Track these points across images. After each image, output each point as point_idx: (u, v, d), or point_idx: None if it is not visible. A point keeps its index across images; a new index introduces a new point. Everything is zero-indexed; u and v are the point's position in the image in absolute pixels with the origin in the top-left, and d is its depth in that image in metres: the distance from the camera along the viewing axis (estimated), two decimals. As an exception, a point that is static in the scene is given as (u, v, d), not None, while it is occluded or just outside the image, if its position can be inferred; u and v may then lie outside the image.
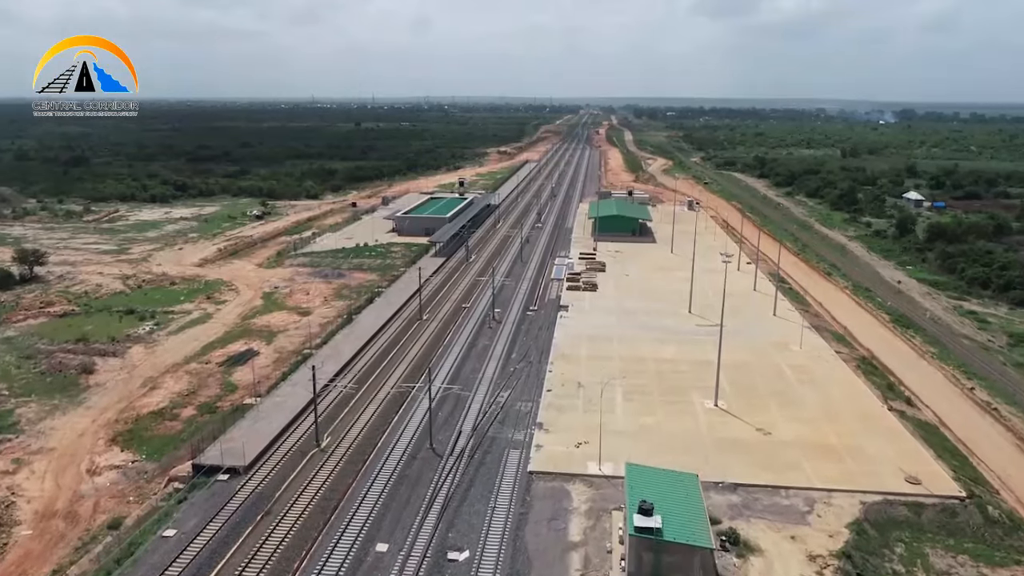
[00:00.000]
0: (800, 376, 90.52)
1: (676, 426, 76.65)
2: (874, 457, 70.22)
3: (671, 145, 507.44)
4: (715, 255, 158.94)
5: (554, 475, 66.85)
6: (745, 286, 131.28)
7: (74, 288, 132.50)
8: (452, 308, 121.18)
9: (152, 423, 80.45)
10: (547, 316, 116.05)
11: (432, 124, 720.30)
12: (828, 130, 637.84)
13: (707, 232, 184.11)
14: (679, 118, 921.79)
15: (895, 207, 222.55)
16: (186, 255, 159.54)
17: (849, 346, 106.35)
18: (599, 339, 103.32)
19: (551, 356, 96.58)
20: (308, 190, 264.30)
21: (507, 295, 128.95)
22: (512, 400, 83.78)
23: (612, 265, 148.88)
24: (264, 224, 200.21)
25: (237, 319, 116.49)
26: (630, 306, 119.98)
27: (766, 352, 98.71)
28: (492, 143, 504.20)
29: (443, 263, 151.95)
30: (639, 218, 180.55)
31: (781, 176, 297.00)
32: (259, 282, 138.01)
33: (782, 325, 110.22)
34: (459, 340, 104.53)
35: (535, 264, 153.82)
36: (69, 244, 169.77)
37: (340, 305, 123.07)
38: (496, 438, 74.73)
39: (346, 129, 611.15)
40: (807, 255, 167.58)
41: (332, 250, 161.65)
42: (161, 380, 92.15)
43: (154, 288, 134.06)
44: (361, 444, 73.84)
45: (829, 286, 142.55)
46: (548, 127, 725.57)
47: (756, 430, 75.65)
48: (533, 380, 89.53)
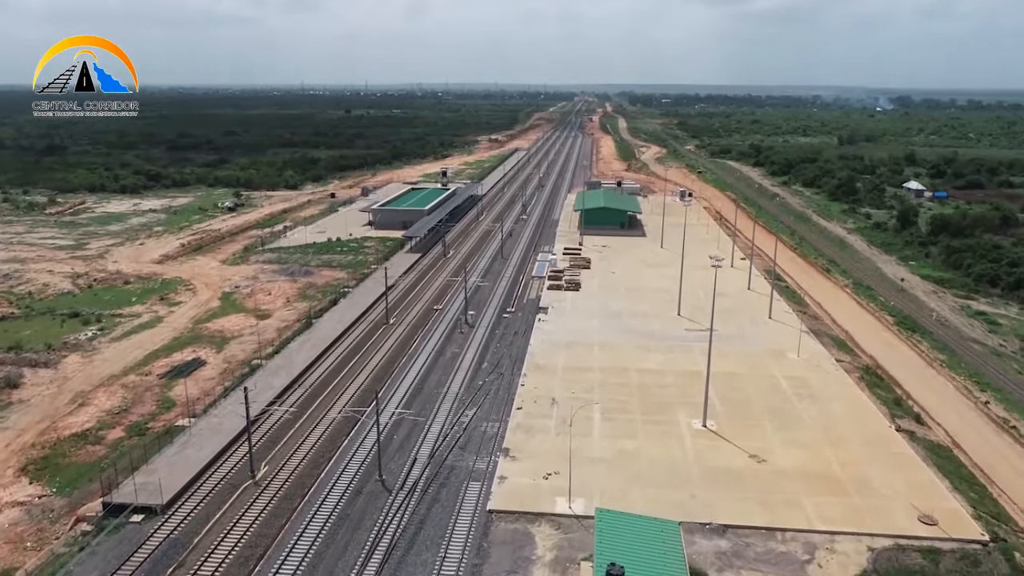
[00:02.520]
0: (798, 389, 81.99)
1: (659, 452, 68.08)
2: (882, 490, 61.77)
3: (665, 133, 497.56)
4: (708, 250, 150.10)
5: (517, 515, 58.24)
6: (739, 285, 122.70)
7: (19, 288, 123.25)
8: (423, 310, 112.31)
9: (72, 447, 71.63)
10: (525, 319, 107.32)
11: (424, 111, 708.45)
12: (824, 117, 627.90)
13: (699, 225, 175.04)
14: (674, 105, 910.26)
15: (895, 197, 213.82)
16: (146, 251, 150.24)
17: (851, 353, 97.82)
18: (578, 346, 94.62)
19: (525, 366, 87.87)
20: (287, 180, 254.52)
21: (484, 295, 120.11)
22: (477, 420, 75.10)
23: (598, 261, 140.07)
24: (236, 217, 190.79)
25: (189, 323, 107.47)
26: (614, 307, 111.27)
27: (761, 361, 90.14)
28: (484, 131, 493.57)
29: (418, 260, 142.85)
30: (628, 210, 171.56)
31: (777, 165, 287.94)
32: (220, 281, 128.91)
33: (778, 329, 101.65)
34: (426, 348, 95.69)
35: (516, 260, 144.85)
36: (24, 239, 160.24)
37: (302, 307, 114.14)
38: (455, 467, 66.09)
39: (336, 116, 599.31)
40: (804, 249, 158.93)
41: (302, 245, 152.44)
42: (93, 395, 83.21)
43: (105, 288, 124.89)
44: (302, 475, 65.14)
45: (828, 284, 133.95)
46: (541, 114, 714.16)
47: (749, 457, 67.14)
48: (503, 395, 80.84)
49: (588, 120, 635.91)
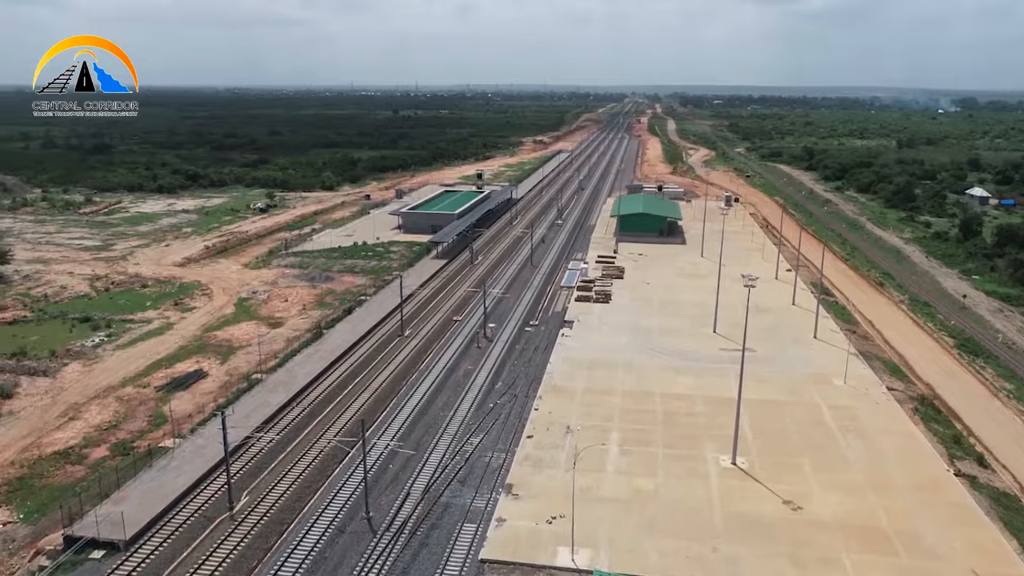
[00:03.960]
0: (843, 422, 73.59)
1: (681, 493, 60.71)
2: (937, 549, 53.51)
3: (715, 135, 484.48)
4: (751, 259, 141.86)
5: (512, 566, 51.65)
6: (783, 300, 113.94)
7: (36, 290, 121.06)
8: (441, 322, 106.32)
9: (52, 467, 67.36)
10: (548, 334, 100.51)
11: (471, 112, 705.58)
12: (882, 119, 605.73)
13: (744, 232, 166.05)
14: (726, 106, 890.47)
15: (957, 204, 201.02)
16: (170, 253, 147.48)
17: (905, 379, 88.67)
18: (602, 366, 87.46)
19: (541, 388, 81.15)
20: (324, 181, 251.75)
21: (507, 306, 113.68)
22: (482, 449, 68.64)
23: (632, 271, 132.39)
24: (266, 218, 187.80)
25: (198, 331, 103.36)
26: (645, 323, 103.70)
27: (802, 388, 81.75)
28: (529, 132, 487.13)
29: (443, 267, 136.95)
30: (667, 216, 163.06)
31: (830, 169, 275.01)
32: (238, 286, 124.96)
33: (824, 351, 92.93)
34: (438, 364, 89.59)
35: (546, 268, 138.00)
36: (53, 239, 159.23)
37: (317, 315, 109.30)
38: (451, 505, 59.73)
39: (383, 117, 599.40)
40: (856, 261, 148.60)
41: (327, 249, 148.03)
42: (85, 408, 79.21)
43: (122, 291, 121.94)
44: (284, 508, 59.51)
45: (881, 299, 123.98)
46: (589, 115, 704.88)
47: (783, 502, 59.32)
48: (514, 421, 74.23)
49: (636, 122, 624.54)
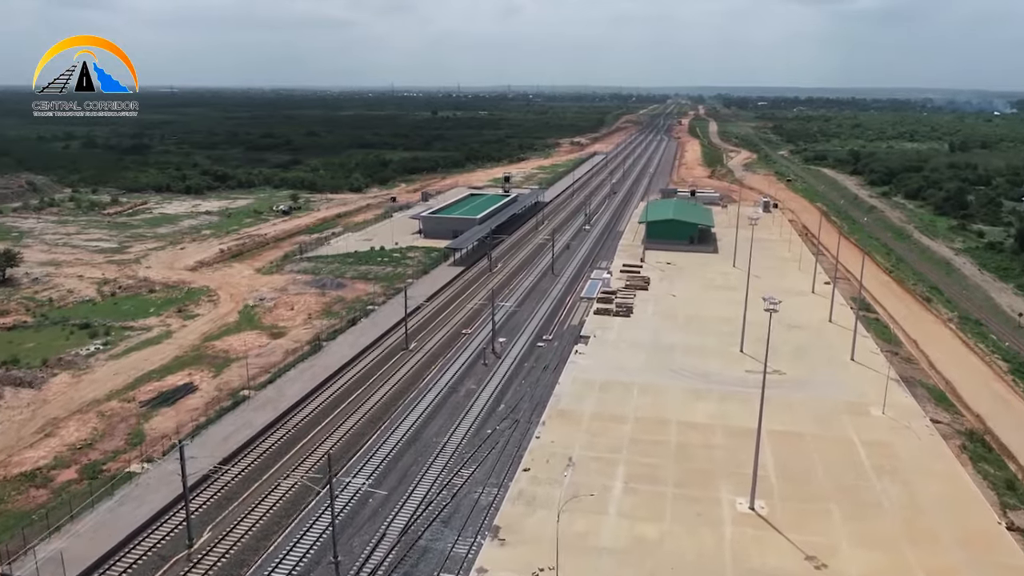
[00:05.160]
0: (879, 460, 65.76)
1: (688, 544, 53.77)
2: (986, 624, 45.85)
3: (758, 137, 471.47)
4: (787, 271, 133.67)
5: (487, 629, 45.43)
6: (819, 315, 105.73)
7: (43, 294, 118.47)
8: (449, 334, 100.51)
9: (14, 491, 63.04)
10: (560, 350, 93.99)
11: (511, 113, 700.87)
12: (935, 121, 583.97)
13: (781, 241, 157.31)
14: (771, 108, 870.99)
15: (1013, 212, 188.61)
16: (184, 256, 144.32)
17: (952, 409, 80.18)
18: (615, 387, 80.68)
19: (546, 412, 74.72)
20: (353, 183, 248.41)
21: (521, 318, 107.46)
22: (473, 483, 62.51)
23: (658, 281, 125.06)
24: (288, 221, 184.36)
25: (197, 340, 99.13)
26: (667, 340, 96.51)
27: (834, 418, 73.94)
28: (567, 133, 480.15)
29: (459, 274, 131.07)
30: (698, 223, 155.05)
31: (877, 173, 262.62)
32: (246, 292, 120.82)
33: (861, 375, 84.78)
34: (439, 382, 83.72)
35: (567, 277, 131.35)
36: (71, 240, 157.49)
37: (322, 325, 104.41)
38: (429, 551, 53.70)
39: (421, 118, 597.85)
40: (902, 273, 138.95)
41: (343, 254, 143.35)
42: (64, 424, 75.09)
43: (128, 296, 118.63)
44: (247, 548, 54.15)
45: (927, 316, 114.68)
46: (629, 117, 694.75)
47: (805, 558, 52.02)
48: (511, 450, 67.98)
49: (676, 123, 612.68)
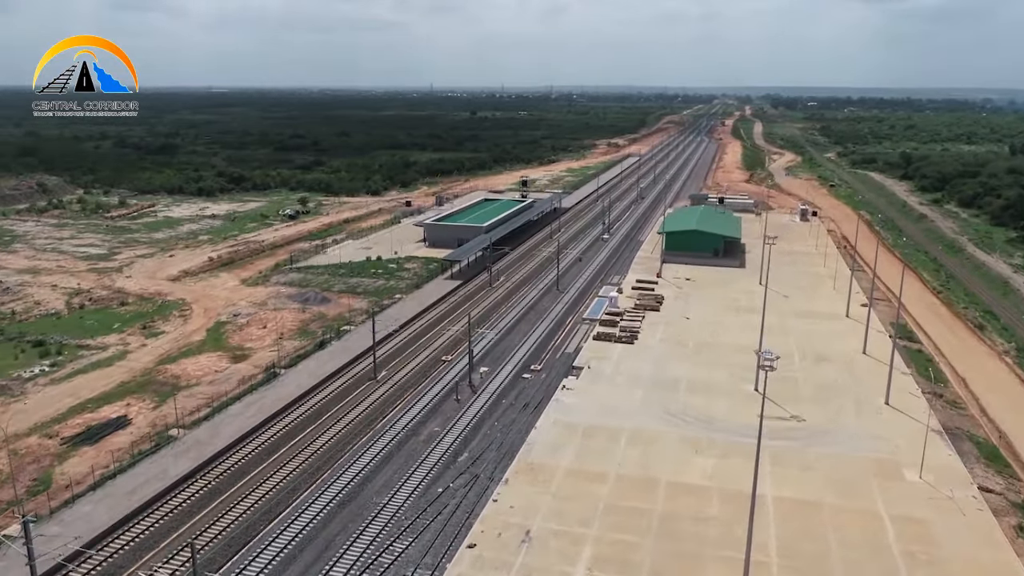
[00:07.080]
0: (911, 544, 52.97)
1: (653, 665, 42.03)
2: None
3: (804, 138, 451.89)
4: (820, 289, 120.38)
5: None
6: (851, 345, 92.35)
7: (8, 305, 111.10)
8: (427, 362, 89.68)
9: None
10: (547, 384, 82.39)
11: (552, 113, 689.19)
12: (994, 122, 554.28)
13: (817, 254, 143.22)
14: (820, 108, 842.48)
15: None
16: (170, 264, 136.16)
17: (1006, 471, 66.52)
18: (600, 434, 68.96)
19: (513, 465, 63.41)
20: (371, 185, 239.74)
21: (511, 343, 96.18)
22: (403, 564, 51.37)
23: (672, 300, 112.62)
24: (292, 226, 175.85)
25: (152, 362, 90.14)
26: (671, 373, 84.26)
27: (860, 483, 61.12)
28: (606, 134, 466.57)
29: (454, 289, 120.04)
30: (724, 234, 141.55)
31: (929, 179, 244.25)
32: (223, 306, 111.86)
33: (896, 423, 71.60)
34: (400, 422, 72.91)
35: (573, 294, 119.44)
36: (60, 246, 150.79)
37: (292, 347, 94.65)
38: (324, 663, 42.89)
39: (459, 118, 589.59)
40: (952, 294, 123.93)
41: (336, 264, 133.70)
42: (-31, 465, 66.33)
43: (96, 310, 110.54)
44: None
45: (980, 348, 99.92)
46: (671, 117, 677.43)
47: None
48: (460, 517, 56.75)
49: (719, 124, 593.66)
